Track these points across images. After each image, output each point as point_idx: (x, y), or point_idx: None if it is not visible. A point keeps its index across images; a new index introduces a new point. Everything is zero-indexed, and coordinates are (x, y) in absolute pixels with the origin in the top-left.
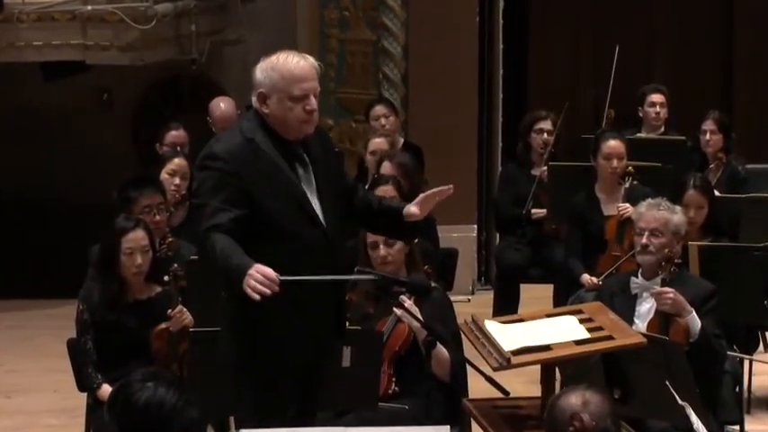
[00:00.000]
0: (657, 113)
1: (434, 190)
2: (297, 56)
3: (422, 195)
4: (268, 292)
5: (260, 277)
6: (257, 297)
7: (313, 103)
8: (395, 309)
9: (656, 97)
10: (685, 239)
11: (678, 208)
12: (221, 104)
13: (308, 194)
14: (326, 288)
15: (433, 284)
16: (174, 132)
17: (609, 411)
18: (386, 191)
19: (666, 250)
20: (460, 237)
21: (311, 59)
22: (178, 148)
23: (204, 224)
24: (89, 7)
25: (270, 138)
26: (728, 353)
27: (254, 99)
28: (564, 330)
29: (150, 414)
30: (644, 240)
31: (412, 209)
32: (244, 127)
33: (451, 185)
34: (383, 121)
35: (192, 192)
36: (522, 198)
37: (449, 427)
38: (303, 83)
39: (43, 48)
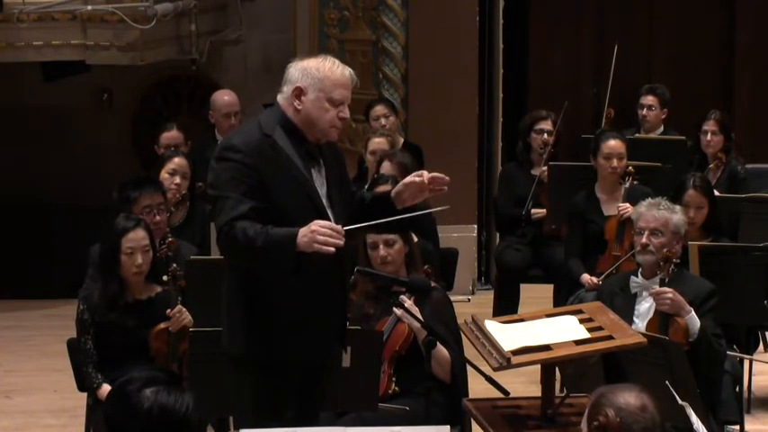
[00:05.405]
0: (644, 116)
1: (417, 176)
2: (340, 64)
3: (407, 179)
4: (341, 243)
5: (328, 231)
6: (332, 250)
7: (347, 111)
8: (395, 309)
9: (645, 99)
10: (685, 239)
11: (678, 208)
12: (225, 96)
13: (320, 195)
14: (333, 287)
15: (432, 284)
16: (167, 134)
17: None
18: (385, 190)
19: (666, 250)
20: (460, 237)
21: (351, 71)
22: (172, 149)
23: (225, 216)
24: (89, 7)
25: (288, 136)
26: (728, 353)
27: (282, 95)
28: (564, 330)
29: (153, 423)
30: (644, 240)
31: (399, 187)
32: (262, 122)
33: (447, 178)
34: (383, 120)
35: (208, 183)
36: (522, 198)
37: (449, 427)
38: (344, 89)
39: (43, 48)
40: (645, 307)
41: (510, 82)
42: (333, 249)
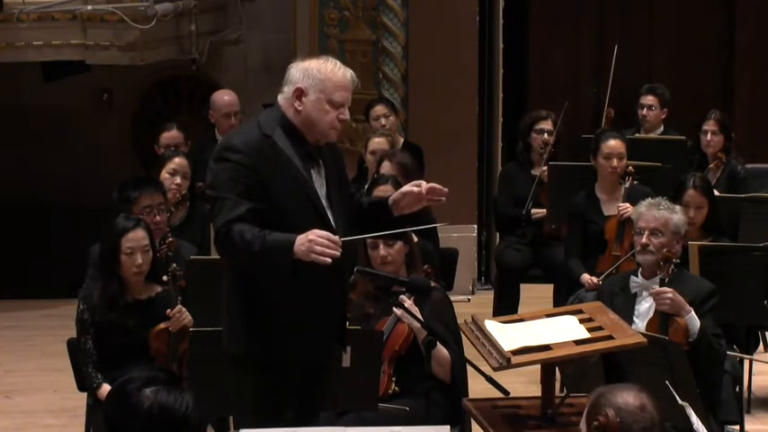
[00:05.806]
0: (644, 116)
1: (415, 186)
2: (341, 65)
3: (405, 187)
4: (337, 254)
5: (326, 241)
6: (328, 261)
7: (347, 113)
8: (395, 309)
9: (645, 99)
10: (685, 239)
11: (678, 208)
12: (225, 96)
13: (320, 195)
14: (332, 287)
15: (432, 284)
16: (167, 134)
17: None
18: (385, 190)
19: (666, 250)
20: (460, 237)
21: (352, 73)
22: (172, 149)
23: (222, 217)
24: (89, 7)
25: (288, 136)
26: (728, 353)
27: (282, 96)
28: (564, 330)
29: (153, 422)
30: (644, 240)
31: (396, 195)
32: (262, 123)
33: (446, 189)
34: (383, 120)
35: (207, 184)
36: (522, 198)
37: (449, 427)
38: (345, 92)
39: (43, 48)
40: (645, 307)
41: (510, 82)
42: (329, 260)
